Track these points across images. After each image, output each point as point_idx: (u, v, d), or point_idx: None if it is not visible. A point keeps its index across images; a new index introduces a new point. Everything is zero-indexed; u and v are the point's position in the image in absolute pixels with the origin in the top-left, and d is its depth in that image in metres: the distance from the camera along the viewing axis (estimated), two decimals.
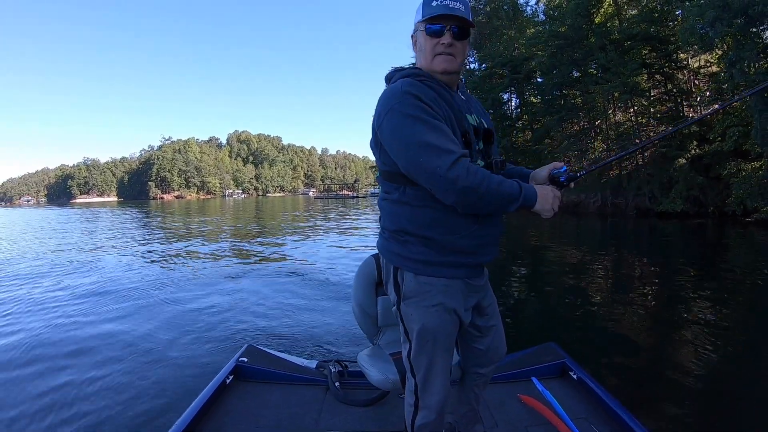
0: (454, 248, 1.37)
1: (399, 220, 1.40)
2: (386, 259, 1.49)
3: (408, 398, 1.55)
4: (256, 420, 2.11)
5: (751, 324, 5.15)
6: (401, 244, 1.41)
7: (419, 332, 1.41)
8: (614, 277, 8.02)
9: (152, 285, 7.75)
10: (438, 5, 1.36)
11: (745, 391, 3.36)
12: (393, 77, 1.45)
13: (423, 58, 1.44)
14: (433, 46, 1.39)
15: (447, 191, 1.24)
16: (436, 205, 1.33)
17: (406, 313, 1.43)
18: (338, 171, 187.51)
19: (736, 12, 12.04)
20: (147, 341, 4.73)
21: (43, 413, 3.23)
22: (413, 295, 1.40)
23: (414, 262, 1.38)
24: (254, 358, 2.61)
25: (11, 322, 5.63)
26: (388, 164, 1.38)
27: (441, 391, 1.49)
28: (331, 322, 5.21)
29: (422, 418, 1.51)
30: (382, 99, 1.36)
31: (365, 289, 2.14)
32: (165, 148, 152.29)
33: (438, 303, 1.38)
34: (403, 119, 1.26)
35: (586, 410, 2.12)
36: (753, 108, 13.81)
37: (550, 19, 28.12)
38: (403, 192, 1.38)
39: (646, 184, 20.86)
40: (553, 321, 5.27)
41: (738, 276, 7.74)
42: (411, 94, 1.28)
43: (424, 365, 1.45)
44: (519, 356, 2.70)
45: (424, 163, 1.23)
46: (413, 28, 1.47)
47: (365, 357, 1.91)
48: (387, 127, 1.31)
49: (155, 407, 3.22)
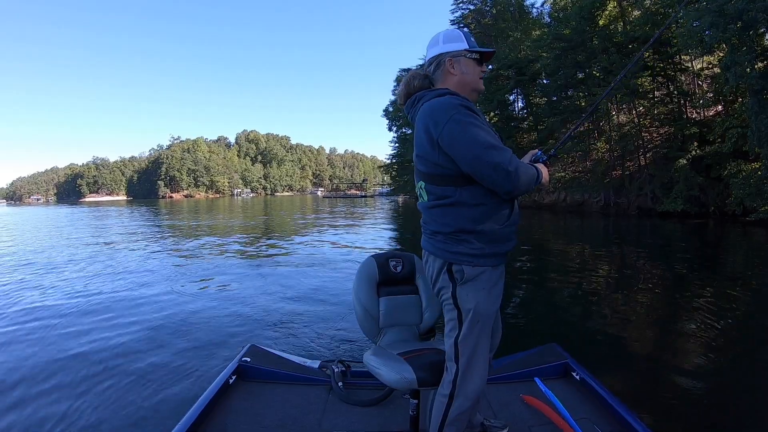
0: (500, 237, 1.60)
1: (456, 222, 1.58)
2: (441, 258, 1.63)
3: (443, 389, 1.66)
4: (259, 420, 2.12)
5: (752, 323, 5.19)
6: (458, 243, 1.58)
7: (474, 312, 1.59)
8: (617, 277, 8.05)
9: (156, 283, 7.87)
10: (495, 48, 1.84)
11: (748, 390, 3.38)
12: (425, 96, 1.67)
13: (466, 78, 1.70)
14: (479, 71, 1.71)
15: (507, 181, 1.48)
16: (487, 202, 1.56)
17: (462, 296, 1.60)
18: (346, 170, 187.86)
19: (730, 18, 12.40)
20: (150, 340, 4.78)
21: (44, 410, 3.26)
22: (469, 279, 1.58)
23: (470, 256, 1.57)
24: (257, 358, 2.62)
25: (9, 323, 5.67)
26: (447, 167, 1.56)
27: (482, 375, 1.66)
28: (334, 321, 5.25)
29: (458, 407, 1.63)
30: (437, 111, 1.55)
31: (367, 289, 2.16)
32: (174, 148, 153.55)
33: (488, 287, 1.60)
34: (465, 126, 1.49)
35: (589, 410, 2.13)
36: (749, 110, 14.13)
37: (555, 21, 28.34)
38: (460, 194, 1.56)
39: (647, 184, 21.16)
40: (556, 322, 5.31)
41: (737, 275, 7.86)
42: (465, 106, 1.54)
43: (470, 347, 1.61)
44: (522, 357, 2.75)
45: (490, 160, 1.46)
46: (447, 52, 1.69)
47: (373, 357, 1.88)
48: (449, 133, 1.50)
49: (158, 406, 3.24)
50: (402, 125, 49.26)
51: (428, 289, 2.11)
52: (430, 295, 2.14)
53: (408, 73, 1.80)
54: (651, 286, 7.27)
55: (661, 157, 21.32)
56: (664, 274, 8.23)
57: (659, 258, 9.95)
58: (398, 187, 55.51)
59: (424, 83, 1.74)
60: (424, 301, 2.18)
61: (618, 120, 24.93)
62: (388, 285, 2.19)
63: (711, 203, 18.55)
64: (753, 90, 13.66)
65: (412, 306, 2.18)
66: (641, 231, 15.96)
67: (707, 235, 14.25)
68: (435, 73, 1.73)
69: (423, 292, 2.20)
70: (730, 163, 17.19)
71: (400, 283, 2.22)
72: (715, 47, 15.00)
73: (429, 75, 1.75)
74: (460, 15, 40.64)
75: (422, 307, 2.18)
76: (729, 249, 11.55)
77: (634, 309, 5.81)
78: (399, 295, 2.18)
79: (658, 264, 9.27)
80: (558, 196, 27.82)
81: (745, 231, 14.23)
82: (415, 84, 1.74)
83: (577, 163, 27.54)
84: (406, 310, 2.16)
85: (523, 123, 31.97)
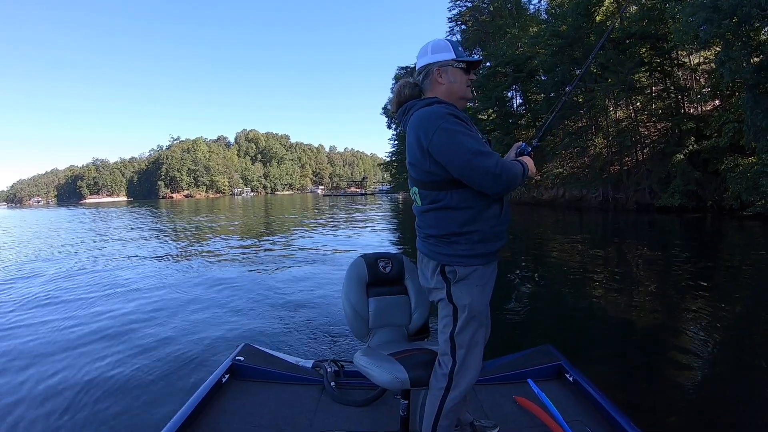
0: (490, 237, 1.67)
1: (447, 225, 1.65)
2: (434, 260, 1.70)
3: (437, 383, 1.72)
4: (251, 419, 2.13)
5: (749, 323, 5.17)
6: (450, 245, 1.66)
7: (469, 308, 1.65)
8: (613, 276, 7.99)
9: (150, 282, 7.92)
10: (468, 54, 1.80)
11: (743, 392, 3.38)
12: (415, 106, 1.74)
13: (453, 87, 1.76)
14: (466, 80, 1.77)
15: (496, 183, 1.56)
16: (476, 205, 1.63)
17: (456, 294, 1.66)
18: (346, 168, 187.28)
19: (725, 13, 12.46)
20: (143, 339, 4.80)
21: (35, 410, 3.28)
22: (462, 278, 1.65)
23: (460, 257, 1.64)
24: (250, 357, 2.63)
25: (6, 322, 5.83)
26: (437, 174, 1.63)
27: (476, 367, 1.72)
28: (328, 321, 5.28)
29: (452, 400, 1.70)
30: (426, 121, 1.62)
31: (356, 289, 2.16)
32: (174, 148, 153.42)
33: (481, 284, 1.68)
34: (453, 135, 1.55)
35: (582, 412, 2.13)
36: (744, 105, 14.20)
37: (552, 17, 28.32)
38: (451, 197, 1.63)
39: (645, 179, 21.25)
40: (550, 323, 5.32)
41: (733, 272, 7.93)
42: (453, 114, 1.60)
43: (467, 340, 1.68)
44: (515, 358, 2.74)
45: (479, 165, 1.53)
46: (435, 62, 1.75)
47: (363, 358, 1.90)
48: (438, 142, 1.56)
49: (150, 405, 3.25)
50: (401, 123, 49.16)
51: (417, 290, 2.16)
52: (418, 295, 2.18)
53: (399, 83, 1.86)
54: (647, 284, 7.29)
55: (658, 153, 21.39)
56: (660, 271, 8.26)
57: (656, 255, 9.99)
58: (398, 185, 55.64)
59: (415, 92, 1.80)
60: (413, 302, 2.20)
61: (615, 116, 24.99)
62: (378, 285, 2.21)
63: (708, 198, 18.65)
64: (748, 85, 13.72)
65: (401, 307, 2.19)
66: (639, 226, 16.06)
67: (705, 230, 14.35)
68: (424, 83, 1.78)
69: (412, 292, 2.21)
70: (727, 158, 17.26)
71: (390, 284, 2.23)
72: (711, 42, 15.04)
73: (419, 84, 1.80)
74: (458, 12, 40.84)
75: (411, 308, 2.19)
76: (727, 244, 11.63)
77: (630, 309, 5.81)
78: (388, 296, 2.19)
79: (654, 261, 9.30)
80: (557, 191, 27.98)
81: (743, 225, 14.35)
82: (405, 93, 1.80)
83: (575, 159, 27.60)
84: (395, 310, 2.18)
85: (521, 119, 31.99)
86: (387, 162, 59.57)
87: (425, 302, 2.15)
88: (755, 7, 11.84)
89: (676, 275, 7.72)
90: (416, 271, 2.08)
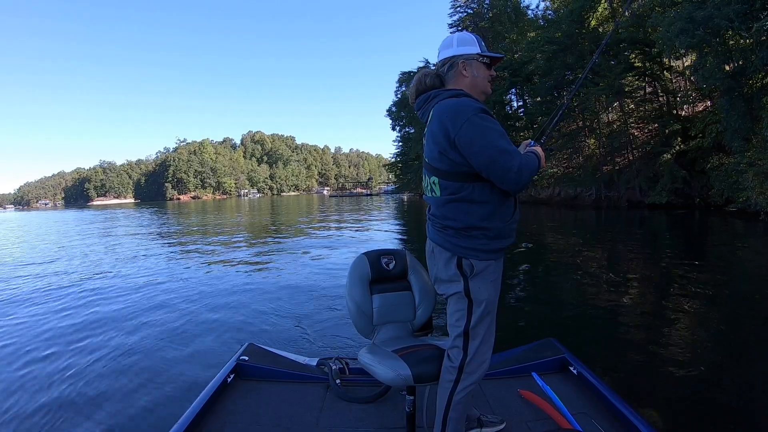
0: (504, 234, 1.68)
1: (466, 218, 1.64)
2: (449, 251, 1.69)
3: (448, 375, 1.73)
4: (257, 418, 2.13)
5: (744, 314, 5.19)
6: (468, 238, 1.65)
7: (486, 303, 1.67)
8: (612, 270, 8.04)
9: (155, 282, 7.94)
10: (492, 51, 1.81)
11: (743, 381, 3.40)
12: (440, 95, 1.73)
13: (477, 81, 1.76)
14: (488, 75, 1.78)
15: (516, 183, 1.56)
16: (494, 200, 1.64)
17: (474, 289, 1.66)
18: (352, 169, 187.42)
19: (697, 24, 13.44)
20: (148, 339, 4.80)
21: (39, 409, 3.28)
22: (479, 273, 1.65)
23: (477, 251, 1.64)
24: (255, 357, 2.62)
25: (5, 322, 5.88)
26: (460, 165, 1.61)
27: (487, 360, 1.74)
28: (332, 319, 5.26)
29: (461, 391, 1.71)
30: (455, 111, 1.60)
31: (360, 286, 2.14)
32: (180, 150, 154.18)
33: (494, 279, 1.70)
34: (483, 130, 1.55)
35: (587, 405, 2.13)
36: (721, 108, 15.15)
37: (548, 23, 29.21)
38: (472, 189, 1.62)
39: (634, 178, 22.15)
40: (553, 316, 5.29)
41: (722, 263, 8.19)
42: (483, 109, 1.60)
43: (481, 333, 1.70)
44: (519, 351, 2.74)
45: (502, 163, 1.53)
46: (461, 55, 1.75)
47: (368, 355, 1.89)
48: (466, 134, 1.55)
49: (157, 406, 3.25)
50: (405, 125, 49.74)
51: (421, 286, 2.20)
52: (422, 291, 2.19)
53: (419, 72, 1.85)
54: (645, 277, 7.40)
55: (647, 153, 22.31)
56: (656, 264, 8.44)
57: (650, 249, 10.33)
58: (402, 185, 56.26)
59: (436, 82, 1.79)
60: (417, 298, 2.19)
61: (608, 118, 25.92)
62: (381, 282, 2.19)
63: (696, 195, 19.49)
64: (723, 89, 14.68)
65: (405, 303, 2.18)
66: (631, 222, 16.63)
67: (693, 225, 15.03)
68: (448, 74, 1.78)
69: (416, 288, 2.21)
70: (712, 157, 18.03)
71: (393, 280, 2.22)
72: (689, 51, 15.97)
73: (441, 75, 1.80)
74: (458, 19, 41.18)
75: (415, 304, 2.19)
76: (713, 237, 12.24)
77: (631, 303, 5.84)
78: (392, 292, 2.18)
79: (649, 254, 9.60)
80: (553, 191, 29.06)
81: (727, 221, 14.99)
82: (426, 82, 1.79)
83: (570, 160, 28.58)
84: (399, 306, 2.17)
85: (518, 122, 32.88)
86: (392, 163, 60.33)
87: (429, 297, 2.18)
88: (725, 19, 12.84)
89: (671, 268, 7.87)
90: (419, 266, 2.22)
